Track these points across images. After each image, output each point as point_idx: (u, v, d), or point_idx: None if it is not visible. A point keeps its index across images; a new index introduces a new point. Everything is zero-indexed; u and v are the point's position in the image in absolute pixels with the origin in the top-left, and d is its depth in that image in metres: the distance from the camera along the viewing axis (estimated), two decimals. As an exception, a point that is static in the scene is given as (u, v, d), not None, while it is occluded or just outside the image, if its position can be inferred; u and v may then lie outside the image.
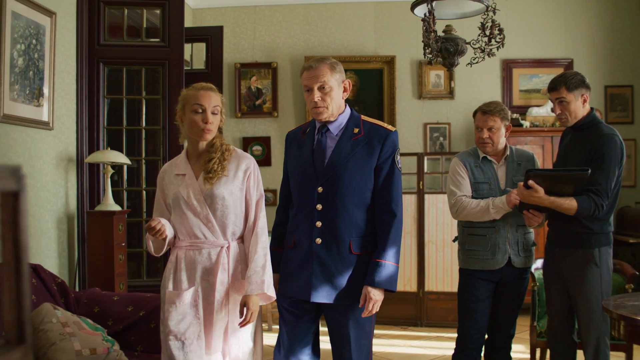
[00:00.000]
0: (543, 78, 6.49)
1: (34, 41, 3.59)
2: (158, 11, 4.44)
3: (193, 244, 2.54)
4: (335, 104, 2.61)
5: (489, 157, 3.40)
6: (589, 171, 2.95)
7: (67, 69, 4.03)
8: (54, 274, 3.36)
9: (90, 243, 3.97)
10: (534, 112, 6.15)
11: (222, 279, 2.54)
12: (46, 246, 3.81)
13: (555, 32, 6.50)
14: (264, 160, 6.54)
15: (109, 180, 4.04)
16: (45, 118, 3.72)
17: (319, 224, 2.59)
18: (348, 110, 2.71)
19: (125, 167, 4.46)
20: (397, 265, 2.61)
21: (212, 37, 5.35)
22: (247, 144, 6.56)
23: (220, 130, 2.67)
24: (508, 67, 6.48)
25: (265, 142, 6.58)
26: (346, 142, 2.62)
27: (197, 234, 2.54)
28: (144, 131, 4.55)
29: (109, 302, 3.30)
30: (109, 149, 4.12)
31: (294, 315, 2.69)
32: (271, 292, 2.59)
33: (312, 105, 2.60)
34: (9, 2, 3.33)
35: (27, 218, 1.07)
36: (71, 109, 4.08)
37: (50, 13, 3.77)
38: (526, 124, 6.06)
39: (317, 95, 2.57)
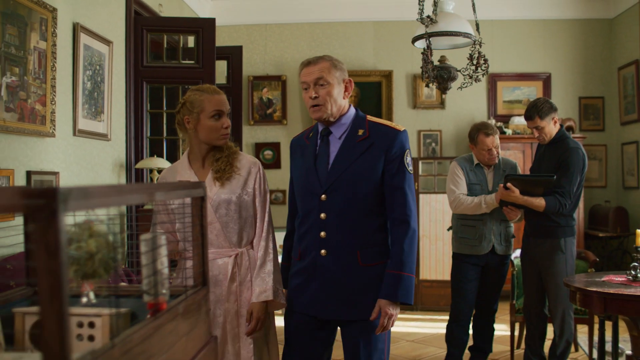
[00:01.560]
0: (524, 90, 7.27)
1: (97, 67, 4.29)
2: (192, 37, 5.14)
3: None
4: (335, 102, 2.41)
5: (481, 164, 4.14)
6: (555, 177, 3.70)
7: (118, 88, 4.73)
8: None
9: (139, 237, 4.67)
10: (516, 121, 6.89)
11: (232, 288, 2.45)
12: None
13: (535, 49, 7.28)
14: (274, 164, 7.28)
15: (156, 182, 4.76)
16: (104, 131, 4.42)
17: (323, 234, 2.40)
18: (352, 110, 2.51)
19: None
20: (414, 275, 2.39)
21: (232, 55, 6.05)
22: (259, 148, 7.29)
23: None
24: (493, 80, 7.24)
25: (275, 147, 7.30)
26: (350, 145, 2.42)
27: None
28: (181, 140, 5.25)
29: (165, 283, 4.00)
30: (155, 156, 4.82)
31: (304, 334, 2.49)
32: (280, 298, 2.50)
33: (310, 103, 2.42)
34: (82, 37, 4.03)
35: (207, 213, 1.80)
36: (121, 122, 4.78)
37: (108, 42, 4.47)
38: (509, 131, 6.81)
39: (313, 91, 2.39)
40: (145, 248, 1.41)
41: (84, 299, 1.39)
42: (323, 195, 2.41)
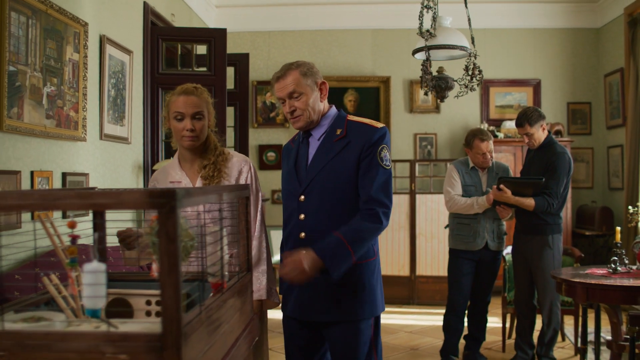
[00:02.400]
0: (515, 95, 7.64)
1: (120, 75, 4.61)
2: (205, 46, 5.47)
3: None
4: (313, 110, 2.40)
5: (476, 167, 4.49)
6: (543, 179, 4.06)
7: (137, 94, 5.04)
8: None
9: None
10: (508, 125, 7.25)
11: None
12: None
13: (526, 57, 7.65)
14: (277, 165, 7.61)
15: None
16: (126, 135, 4.73)
17: (302, 235, 2.40)
18: (333, 111, 2.50)
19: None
20: (353, 257, 2.28)
21: (239, 62, 6.36)
22: (262, 150, 7.62)
23: (217, 133, 2.60)
24: (486, 86, 7.61)
25: (278, 149, 7.64)
26: (327, 145, 2.41)
27: None
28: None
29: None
30: (171, 158, 5.13)
31: (299, 338, 2.50)
32: (274, 297, 2.55)
33: (289, 116, 2.43)
34: (108, 48, 4.35)
35: (250, 210, 2.13)
36: (139, 127, 5.09)
37: (128, 52, 4.78)
38: (500, 135, 7.17)
39: (289, 105, 2.40)
40: (211, 239, 1.73)
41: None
42: (302, 196, 2.42)
